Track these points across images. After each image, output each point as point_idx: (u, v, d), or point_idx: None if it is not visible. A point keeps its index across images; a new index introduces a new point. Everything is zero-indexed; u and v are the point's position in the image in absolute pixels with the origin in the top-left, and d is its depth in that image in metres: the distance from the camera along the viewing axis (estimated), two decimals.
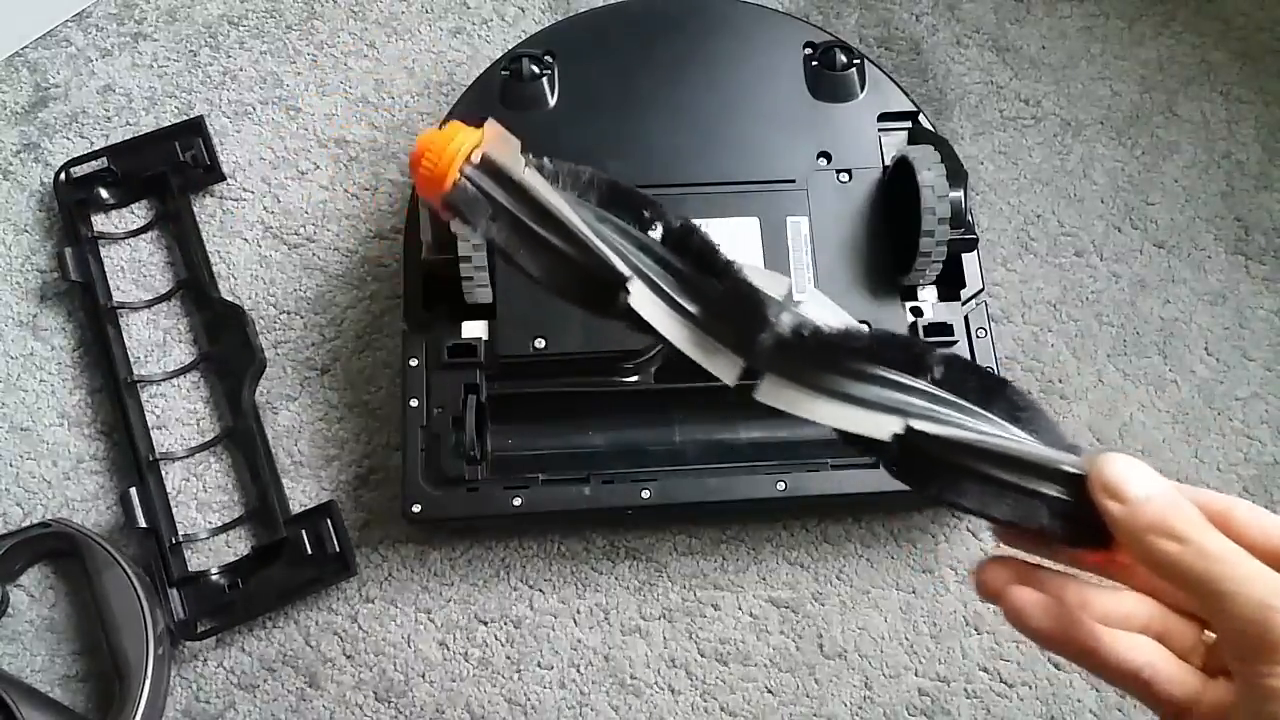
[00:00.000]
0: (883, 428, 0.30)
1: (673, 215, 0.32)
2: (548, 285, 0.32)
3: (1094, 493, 0.28)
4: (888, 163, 0.59)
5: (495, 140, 0.32)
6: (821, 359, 0.31)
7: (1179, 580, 0.26)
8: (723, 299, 0.31)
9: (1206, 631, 0.30)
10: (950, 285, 0.59)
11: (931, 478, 0.30)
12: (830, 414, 0.31)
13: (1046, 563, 0.31)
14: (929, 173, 0.54)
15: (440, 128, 0.32)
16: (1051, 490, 0.29)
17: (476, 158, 0.31)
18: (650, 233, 0.32)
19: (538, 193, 0.31)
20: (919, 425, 0.30)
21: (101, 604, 0.55)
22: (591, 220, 0.31)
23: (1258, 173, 0.68)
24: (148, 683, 0.53)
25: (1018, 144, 0.69)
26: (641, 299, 0.31)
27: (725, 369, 0.32)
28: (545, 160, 0.32)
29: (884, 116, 0.61)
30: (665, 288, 0.31)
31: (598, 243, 0.31)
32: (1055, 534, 0.30)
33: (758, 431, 0.58)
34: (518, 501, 0.54)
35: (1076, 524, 0.29)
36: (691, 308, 0.31)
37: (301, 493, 0.60)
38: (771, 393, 0.31)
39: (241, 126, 0.69)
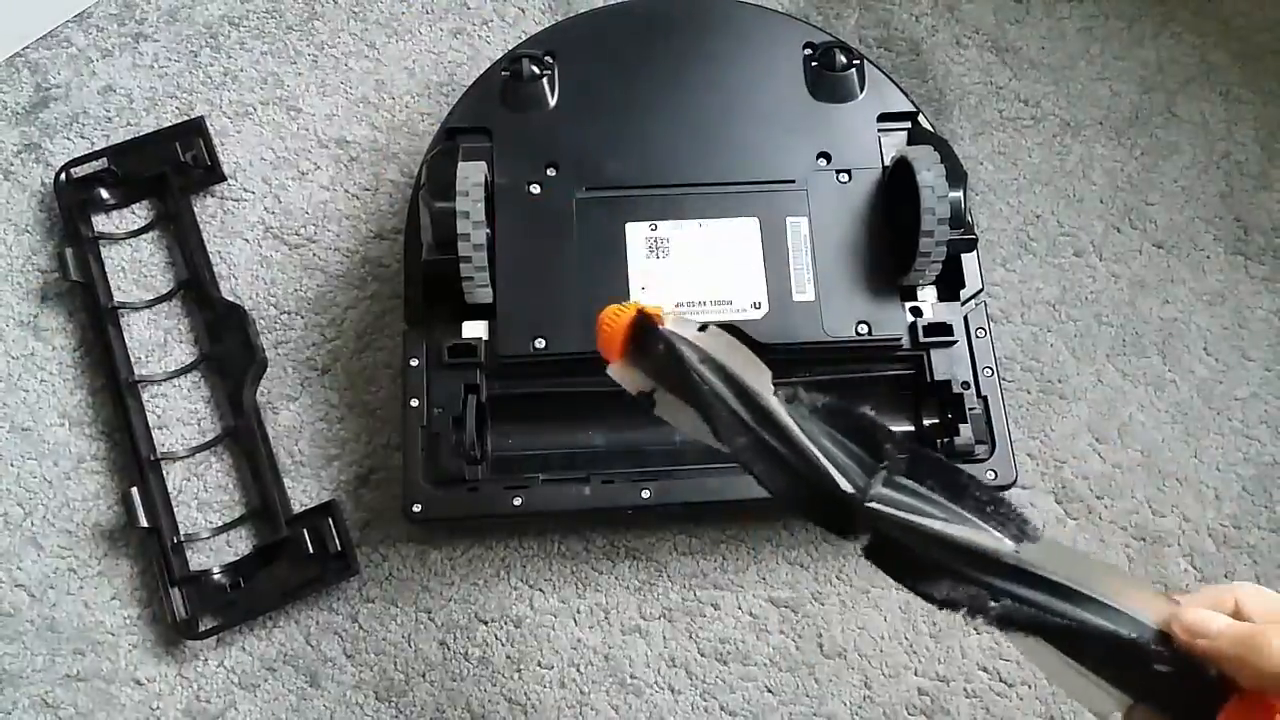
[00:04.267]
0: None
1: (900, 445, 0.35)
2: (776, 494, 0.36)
3: (1180, 638, 0.31)
4: (887, 163, 0.59)
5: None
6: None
7: (1258, 678, 0.30)
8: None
9: None
10: (950, 285, 0.59)
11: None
12: None
13: None
14: (929, 173, 0.54)
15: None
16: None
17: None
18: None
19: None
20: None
21: None
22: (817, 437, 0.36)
23: (1257, 173, 0.68)
24: None
25: (1017, 144, 0.69)
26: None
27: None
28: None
29: (884, 117, 0.61)
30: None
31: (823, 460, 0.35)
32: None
33: None
34: (518, 501, 0.54)
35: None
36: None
37: (302, 492, 0.60)
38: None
39: (242, 127, 0.69)
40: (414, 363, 0.56)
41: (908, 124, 0.61)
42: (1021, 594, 0.33)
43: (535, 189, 0.58)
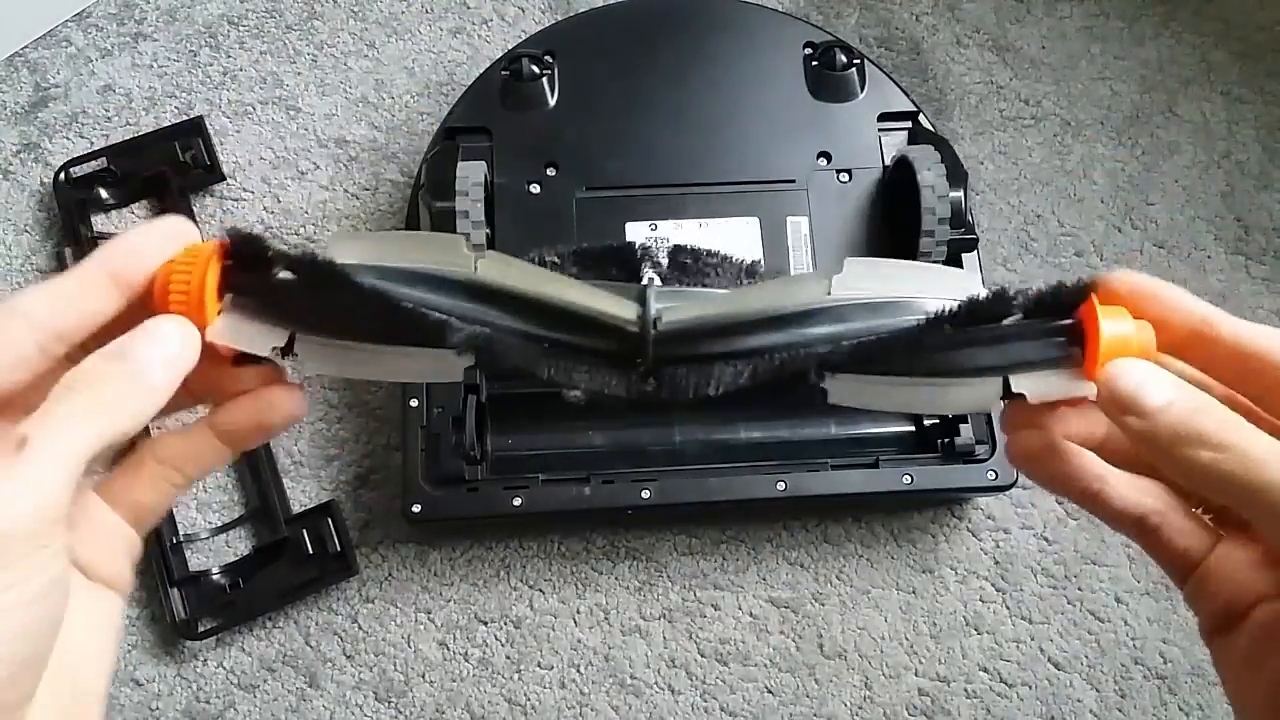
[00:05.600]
0: (988, 397, 0.28)
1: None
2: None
3: (1104, 407, 0.26)
4: (888, 163, 0.59)
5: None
6: None
7: (1218, 489, 0.24)
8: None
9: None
10: None
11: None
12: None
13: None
14: (929, 173, 0.54)
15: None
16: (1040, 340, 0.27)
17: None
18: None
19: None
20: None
21: None
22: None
23: (1258, 173, 0.68)
24: None
25: (1018, 144, 0.69)
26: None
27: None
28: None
29: (884, 116, 0.61)
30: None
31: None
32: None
33: (758, 431, 0.58)
34: (518, 501, 0.54)
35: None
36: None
37: (302, 493, 0.60)
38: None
39: (241, 126, 0.69)
40: None
41: (908, 123, 0.61)
42: (845, 330, 0.28)
43: (535, 189, 0.58)
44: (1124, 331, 0.26)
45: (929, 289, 0.29)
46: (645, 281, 0.30)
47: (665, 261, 0.30)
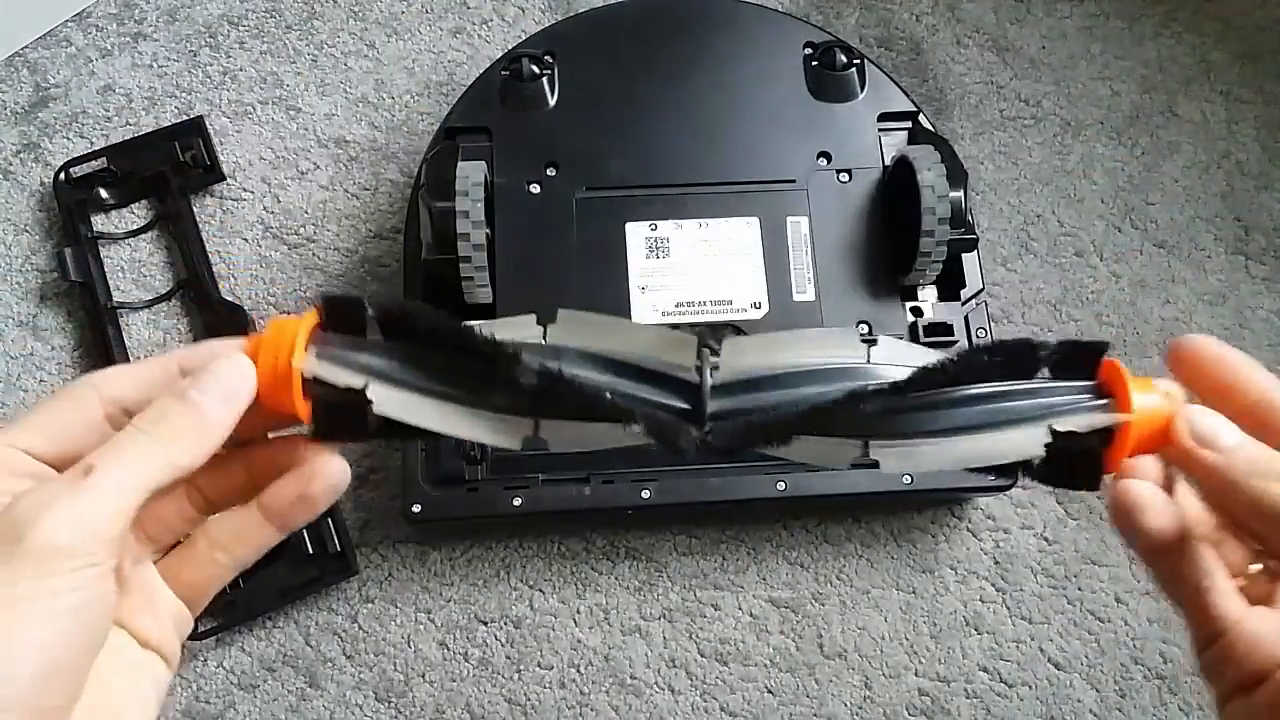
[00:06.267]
0: (1034, 441, 0.29)
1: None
2: None
3: (1182, 441, 0.28)
4: (888, 163, 0.59)
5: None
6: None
7: None
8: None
9: (1251, 565, 0.31)
10: (950, 285, 0.59)
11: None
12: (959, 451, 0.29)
13: None
14: (929, 173, 0.54)
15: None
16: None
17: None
18: None
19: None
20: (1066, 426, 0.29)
21: None
22: None
23: (1258, 173, 0.68)
24: None
25: (1018, 144, 0.69)
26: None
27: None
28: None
29: (884, 116, 0.61)
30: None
31: None
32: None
33: None
34: (518, 501, 0.54)
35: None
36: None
37: None
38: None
39: (241, 126, 0.69)
40: None
41: (908, 123, 0.61)
42: (886, 404, 0.29)
43: (535, 189, 0.58)
44: (1154, 404, 0.29)
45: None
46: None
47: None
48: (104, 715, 0.26)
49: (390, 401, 0.28)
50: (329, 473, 0.29)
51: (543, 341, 0.30)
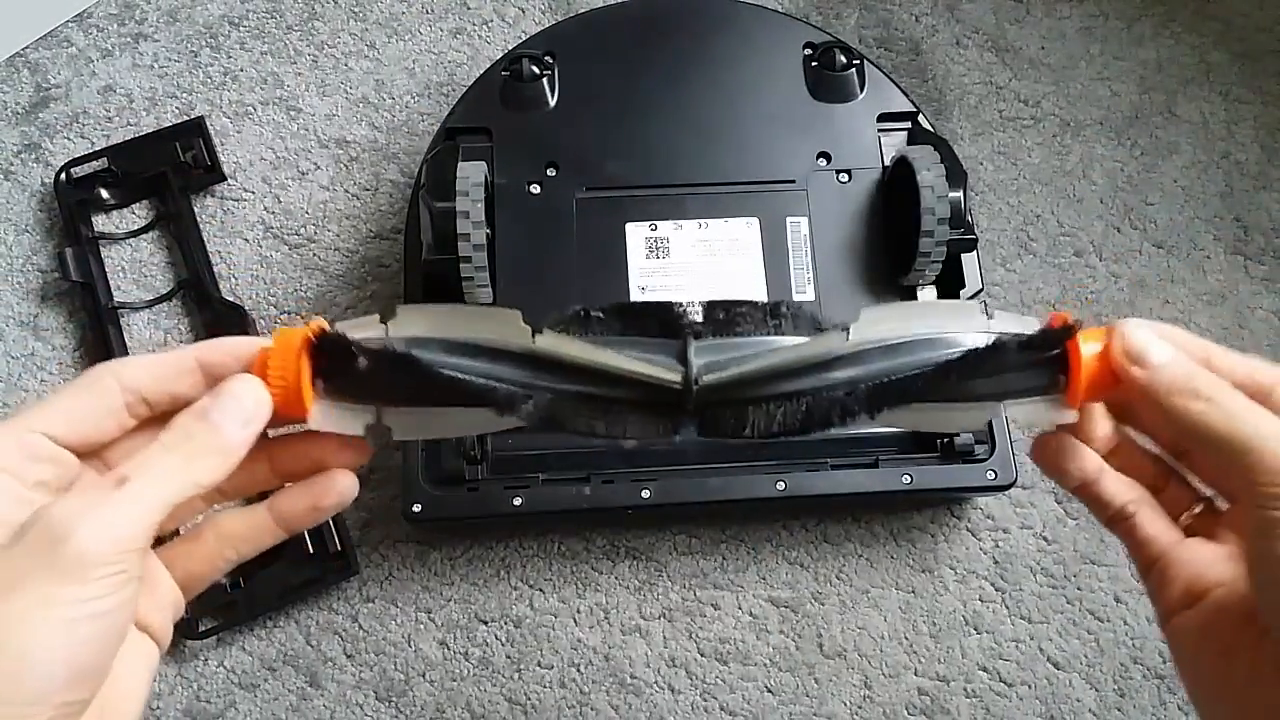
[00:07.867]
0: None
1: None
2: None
3: (1115, 358, 0.30)
4: (887, 163, 0.59)
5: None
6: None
7: (1202, 437, 0.28)
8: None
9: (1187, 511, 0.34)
10: (950, 285, 0.59)
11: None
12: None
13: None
14: (929, 173, 0.54)
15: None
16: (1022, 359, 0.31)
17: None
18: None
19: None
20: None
21: None
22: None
23: (1257, 173, 0.68)
24: None
25: (1017, 144, 0.69)
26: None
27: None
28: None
29: (884, 117, 0.61)
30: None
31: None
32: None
33: None
34: (518, 501, 0.54)
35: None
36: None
37: None
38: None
39: (242, 127, 0.69)
40: None
41: (908, 124, 0.61)
42: (863, 373, 0.31)
43: (535, 189, 0.58)
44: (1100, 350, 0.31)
45: (936, 325, 0.32)
46: (685, 336, 0.32)
47: (700, 318, 0.33)
48: (108, 697, 0.27)
49: (399, 429, 0.32)
50: (343, 489, 0.32)
51: (532, 347, 0.31)
